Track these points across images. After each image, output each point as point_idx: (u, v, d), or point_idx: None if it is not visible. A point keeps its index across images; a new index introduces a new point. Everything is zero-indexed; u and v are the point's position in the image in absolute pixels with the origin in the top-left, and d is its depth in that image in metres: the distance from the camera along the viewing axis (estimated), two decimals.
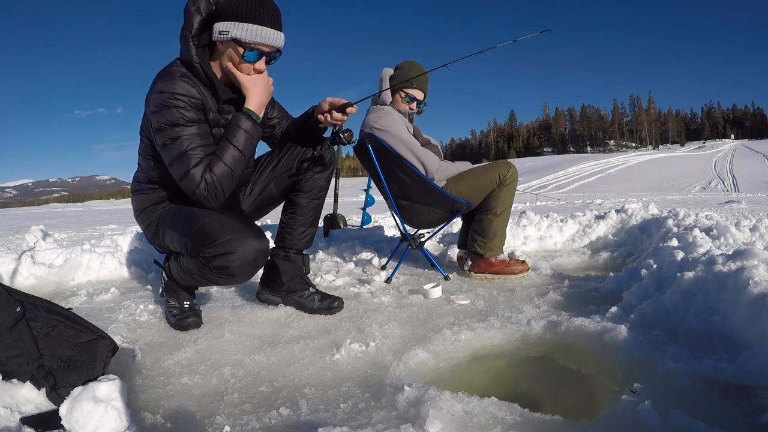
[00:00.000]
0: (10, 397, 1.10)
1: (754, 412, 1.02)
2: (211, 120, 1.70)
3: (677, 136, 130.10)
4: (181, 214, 1.73)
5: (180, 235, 1.69)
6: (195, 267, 1.66)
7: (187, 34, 1.62)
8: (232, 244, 1.55)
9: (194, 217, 1.67)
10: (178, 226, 1.72)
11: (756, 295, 1.27)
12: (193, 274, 1.70)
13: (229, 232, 1.58)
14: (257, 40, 1.59)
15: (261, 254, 1.62)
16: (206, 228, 1.61)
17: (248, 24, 1.57)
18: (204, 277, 1.66)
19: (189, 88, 1.60)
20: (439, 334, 1.63)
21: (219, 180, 1.61)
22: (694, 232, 2.31)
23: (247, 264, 1.59)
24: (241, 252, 1.56)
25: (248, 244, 1.58)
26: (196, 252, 1.62)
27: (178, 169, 1.61)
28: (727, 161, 44.04)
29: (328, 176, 2.07)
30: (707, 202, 10.94)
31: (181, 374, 1.40)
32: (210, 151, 1.63)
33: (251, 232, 1.61)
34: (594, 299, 2.02)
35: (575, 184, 32.52)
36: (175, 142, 1.59)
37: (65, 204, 55.05)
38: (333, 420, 1.13)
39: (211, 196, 1.61)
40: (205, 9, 1.62)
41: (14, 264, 2.52)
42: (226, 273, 1.58)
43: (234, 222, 1.64)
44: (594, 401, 1.28)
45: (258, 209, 2.10)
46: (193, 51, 1.63)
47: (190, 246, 1.64)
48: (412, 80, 2.57)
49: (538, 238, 3.60)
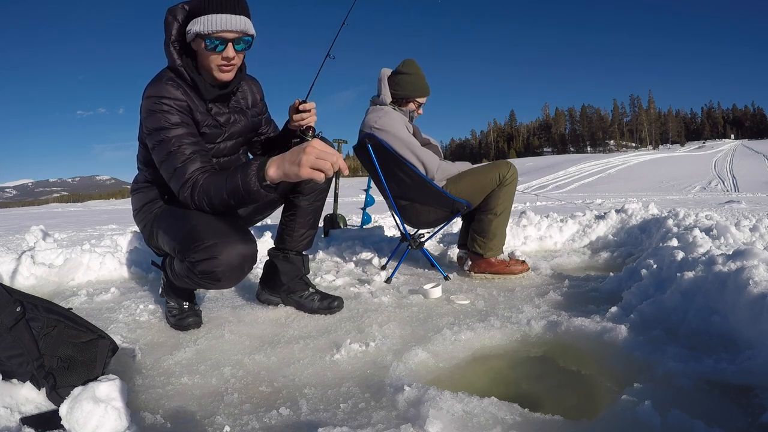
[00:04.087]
0: (10, 397, 1.10)
1: (754, 412, 1.03)
2: (199, 120, 1.70)
3: (677, 136, 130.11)
4: (173, 216, 1.71)
5: (169, 238, 1.66)
6: (183, 271, 1.61)
7: (167, 41, 1.68)
8: (217, 248, 1.49)
9: (185, 219, 1.64)
10: (168, 228, 1.69)
11: (756, 295, 1.27)
12: (184, 278, 1.65)
13: (214, 236, 1.52)
14: (215, 28, 1.59)
15: (247, 259, 1.56)
16: (193, 231, 1.56)
17: (205, 16, 1.59)
18: (192, 282, 1.61)
19: (174, 91, 1.63)
20: (439, 334, 1.63)
21: (204, 190, 1.56)
22: (694, 232, 2.30)
23: (233, 269, 1.53)
24: (225, 257, 1.50)
25: (233, 249, 1.51)
26: (183, 256, 1.57)
27: (167, 169, 1.62)
28: (727, 161, 44.04)
29: (328, 178, 2.05)
30: (707, 202, 10.94)
31: (181, 374, 1.40)
32: (198, 149, 1.62)
33: (238, 236, 1.56)
34: (594, 299, 2.02)
35: (575, 184, 32.52)
36: (163, 143, 1.61)
37: (65, 204, 55.06)
38: (333, 420, 1.13)
39: (193, 199, 1.58)
40: (180, 15, 1.67)
41: (14, 264, 2.52)
42: (212, 278, 1.53)
43: (223, 225, 1.58)
44: (594, 401, 1.28)
45: (257, 211, 2.08)
46: (174, 55, 1.67)
47: (177, 249, 1.60)
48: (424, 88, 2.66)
49: (538, 238, 3.60)
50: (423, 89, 2.65)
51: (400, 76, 2.61)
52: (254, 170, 1.45)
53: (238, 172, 1.48)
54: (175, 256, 1.67)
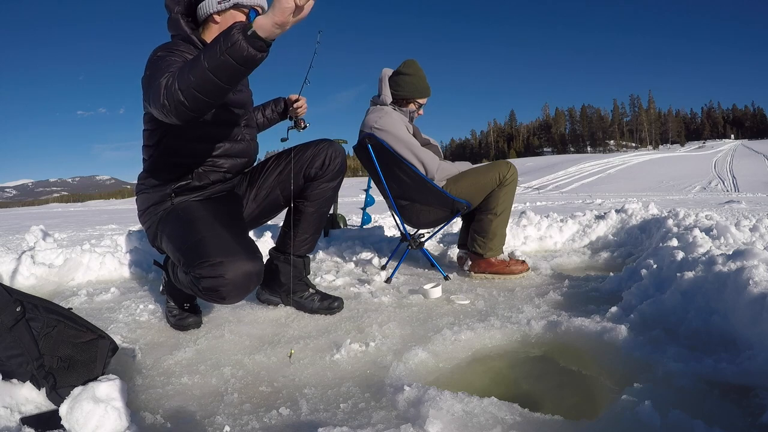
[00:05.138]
0: (10, 397, 1.10)
1: (754, 412, 1.03)
2: None
3: (677, 136, 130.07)
4: (178, 223, 1.68)
5: (174, 247, 1.64)
6: (187, 282, 1.59)
7: (177, 16, 1.72)
8: (223, 267, 1.45)
9: (191, 229, 1.61)
10: (174, 236, 1.66)
11: (756, 295, 1.27)
12: (186, 288, 1.65)
13: (221, 253, 1.48)
14: (254, 2, 1.72)
15: (253, 278, 1.52)
16: (200, 246, 1.53)
17: None
18: (194, 293, 1.60)
19: (186, 52, 1.64)
20: (439, 334, 1.63)
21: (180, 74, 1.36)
22: (694, 232, 2.30)
23: (238, 288, 1.49)
24: (231, 276, 1.46)
25: (239, 268, 1.47)
26: (187, 269, 1.54)
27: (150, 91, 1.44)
28: (727, 161, 44.04)
29: (336, 186, 2.02)
30: (707, 202, 10.94)
31: (181, 374, 1.40)
32: None
33: (244, 253, 1.51)
34: (594, 299, 2.02)
35: (575, 184, 32.52)
36: (154, 66, 1.50)
37: (65, 204, 55.05)
38: (333, 420, 1.13)
39: (169, 106, 1.37)
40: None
41: (14, 264, 2.52)
42: (216, 296, 1.50)
43: (229, 238, 1.55)
44: (594, 401, 1.28)
45: (262, 214, 2.07)
46: (186, 28, 1.71)
47: (182, 261, 1.57)
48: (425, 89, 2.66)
49: (538, 238, 3.60)
50: (423, 90, 2.65)
51: (400, 76, 2.61)
52: (237, 26, 1.30)
53: (219, 36, 1.32)
54: (179, 265, 1.63)
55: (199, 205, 1.75)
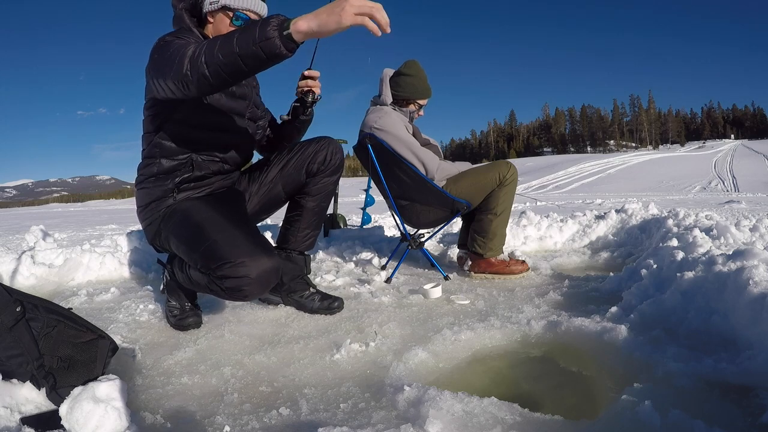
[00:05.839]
0: (10, 397, 1.10)
1: (754, 412, 1.02)
2: None
3: (677, 136, 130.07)
4: (187, 223, 1.68)
5: (188, 249, 1.65)
6: (204, 282, 1.62)
7: (181, 12, 1.72)
8: (245, 267, 1.50)
9: (203, 230, 1.62)
10: (184, 237, 1.67)
11: (756, 295, 1.27)
12: (201, 287, 1.67)
13: (242, 254, 1.51)
14: (245, 6, 1.70)
15: (274, 274, 1.57)
16: (217, 247, 1.55)
17: None
18: (212, 292, 1.62)
19: (191, 36, 1.64)
20: (439, 334, 1.63)
21: (209, 47, 1.36)
22: (694, 232, 2.30)
23: (261, 285, 1.55)
24: (255, 275, 1.51)
25: (261, 266, 1.52)
26: (206, 270, 1.57)
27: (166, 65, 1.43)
28: (727, 161, 44.03)
29: (336, 181, 2.06)
30: (707, 202, 10.94)
31: (181, 374, 1.40)
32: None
33: (262, 251, 1.55)
34: (594, 299, 2.02)
35: (575, 184, 32.52)
36: (165, 47, 1.49)
37: (65, 204, 55.06)
38: (333, 420, 1.13)
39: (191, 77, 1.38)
40: None
41: (14, 264, 2.52)
42: (240, 295, 1.55)
43: (245, 240, 1.57)
44: (594, 401, 1.28)
45: (263, 210, 2.09)
46: (189, 21, 1.72)
47: (200, 263, 1.59)
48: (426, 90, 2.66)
49: (538, 238, 3.60)
50: (424, 91, 2.65)
51: (401, 77, 2.61)
52: (275, 22, 1.31)
53: (256, 24, 1.33)
54: (195, 268, 1.65)
55: (205, 203, 1.76)
